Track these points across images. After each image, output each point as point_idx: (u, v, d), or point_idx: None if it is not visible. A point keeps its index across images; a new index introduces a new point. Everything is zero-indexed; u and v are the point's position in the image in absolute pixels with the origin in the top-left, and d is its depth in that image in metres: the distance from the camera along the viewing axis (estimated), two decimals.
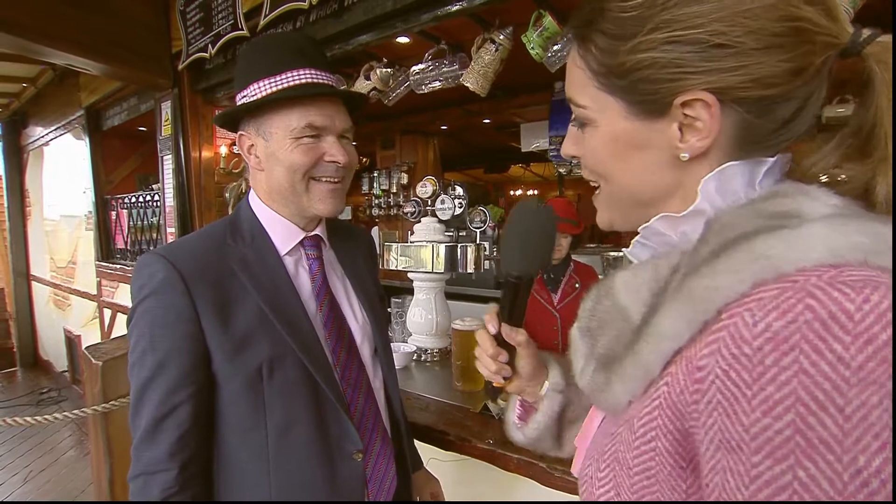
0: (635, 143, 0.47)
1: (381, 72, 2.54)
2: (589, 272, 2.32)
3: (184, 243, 0.88)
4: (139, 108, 3.49)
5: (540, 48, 1.95)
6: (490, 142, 6.08)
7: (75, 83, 4.09)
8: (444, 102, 4.12)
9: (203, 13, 2.55)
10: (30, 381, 5.47)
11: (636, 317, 0.45)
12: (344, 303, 0.95)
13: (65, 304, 5.08)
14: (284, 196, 0.89)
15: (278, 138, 0.85)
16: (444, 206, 2.99)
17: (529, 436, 0.71)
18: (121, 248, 4.05)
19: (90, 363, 2.29)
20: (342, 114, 0.89)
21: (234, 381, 0.80)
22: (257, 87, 0.84)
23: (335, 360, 0.88)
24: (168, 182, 3.04)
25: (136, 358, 0.78)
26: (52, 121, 4.74)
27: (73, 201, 4.66)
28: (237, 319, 0.80)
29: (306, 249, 0.93)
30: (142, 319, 0.79)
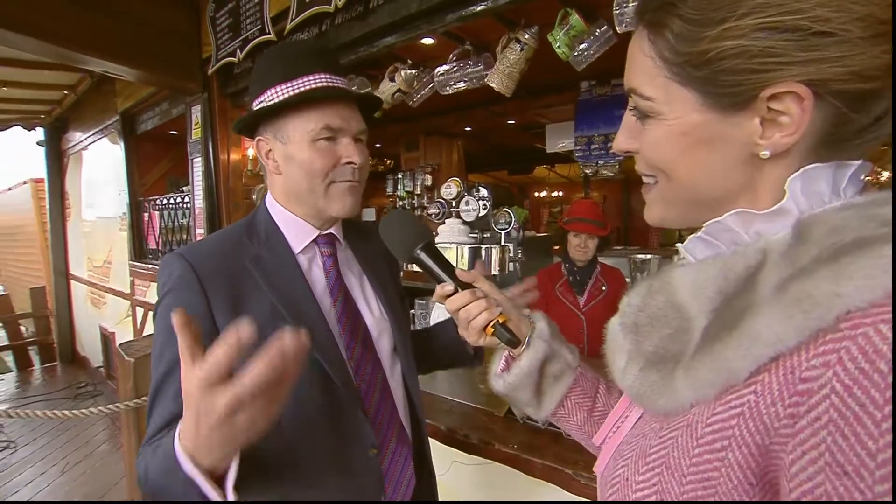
0: (707, 137, 0.44)
1: (406, 73, 2.56)
2: (616, 275, 2.28)
3: (203, 243, 0.90)
4: (171, 113, 3.59)
5: (566, 47, 1.93)
6: (514, 143, 6.05)
7: (111, 89, 4.25)
8: (469, 103, 4.12)
9: (232, 19, 2.61)
10: (68, 376, 5.69)
11: (700, 316, 0.43)
12: (359, 298, 0.96)
13: (100, 303, 5.27)
14: (301, 198, 0.90)
15: (296, 141, 0.86)
16: (468, 207, 2.98)
17: (510, 381, 0.71)
18: (152, 249, 4.18)
19: (123, 360, 2.36)
20: (357, 116, 0.91)
21: None
22: (274, 92, 0.86)
23: (349, 355, 0.88)
24: (198, 184, 3.12)
25: (156, 354, 0.80)
26: (90, 126, 4.94)
27: (108, 203, 4.83)
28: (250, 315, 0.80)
29: (320, 247, 0.94)
30: (161, 316, 0.81)
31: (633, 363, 0.47)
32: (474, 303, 0.70)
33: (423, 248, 0.76)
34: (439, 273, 0.74)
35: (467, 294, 0.71)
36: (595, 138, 3.40)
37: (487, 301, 0.71)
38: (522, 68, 2.14)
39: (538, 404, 0.72)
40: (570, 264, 2.25)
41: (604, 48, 1.95)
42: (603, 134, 3.37)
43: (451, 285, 0.73)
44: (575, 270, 2.24)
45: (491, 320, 0.70)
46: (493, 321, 0.70)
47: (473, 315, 0.70)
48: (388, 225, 0.80)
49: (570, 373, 0.73)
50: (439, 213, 3.52)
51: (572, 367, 0.73)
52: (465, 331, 0.73)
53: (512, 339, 0.70)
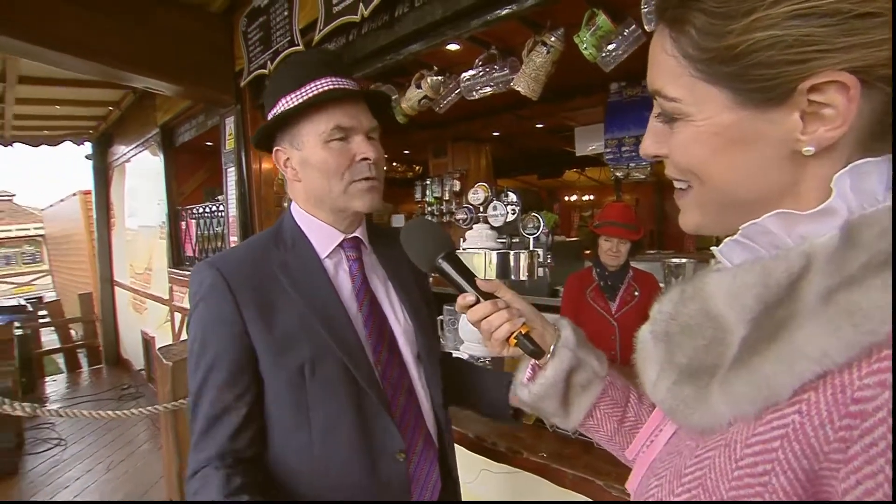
0: (742, 137, 0.41)
1: (432, 80, 2.56)
2: (649, 280, 2.21)
3: (232, 252, 0.93)
4: (206, 125, 3.73)
5: (593, 48, 1.89)
6: (543, 147, 5.99)
7: (152, 104, 4.45)
8: (496, 108, 4.10)
9: (263, 32, 2.68)
10: (113, 378, 5.95)
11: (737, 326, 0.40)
12: (385, 303, 0.96)
13: (142, 308, 5.49)
14: (322, 200, 0.91)
15: (310, 145, 0.88)
16: (496, 212, 2.96)
17: (535, 392, 0.69)
18: (189, 256, 4.33)
19: (162, 363, 2.45)
20: (366, 113, 0.92)
21: (279, 380, 0.83)
22: (285, 101, 0.89)
23: (376, 359, 0.89)
24: (231, 193, 3.22)
25: (192, 362, 0.83)
26: (133, 139, 5.18)
27: (149, 212, 5.04)
28: (279, 321, 0.83)
29: (346, 251, 0.95)
30: (195, 325, 0.84)
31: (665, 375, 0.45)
32: (496, 314, 0.69)
33: (444, 257, 0.75)
34: (461, 283, 0.73)
35: (489, 305, 0.70)
36: (626, 140, 3.33)
37: (509, 311, 0.69)
38: (549, 71, 2.11)
39: (565, 414, 0.70)
40: (602, 269, 2.20)
41: (632, 48, 1.90)
42: (634, 136, 3.29)
43: (473, 295, 0.72)
44: (606, 275, 2.19)
45: (513, 331, 0.68)
46: (516, 332, 0.68)
47: (495, 326, 0.69)
48: (408, 234, 0.80)
49: (598, 382, 0.70)
50: (467, 218, 3.52)
51: (600, 376, 0.70)
52: (488, 342, 0.72)
53: (535, 349, 0.68)
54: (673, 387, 0.43)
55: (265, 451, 0.85)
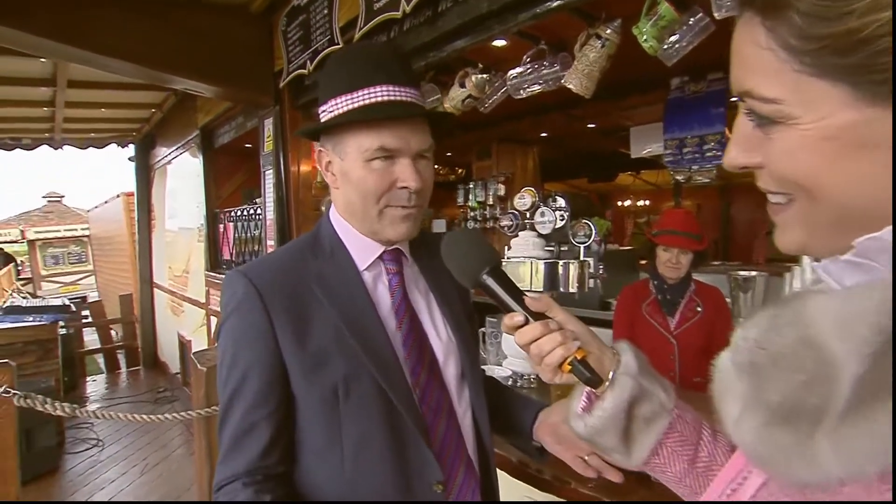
0: (867, 140, 0.36)
1: (477, 78, 2.56)
2: (713, 294, 2.11)
3: (266, 260, 0.93)
4: (245, 126, 3.88)
5: (654, 40, 1.83)
6: (595, 148, 5.88)
7: (193, 106, 4.69)
8: (545, 107, 4.06)
9: (302, 31, 2.77)
10: (150, 380, 6.27)
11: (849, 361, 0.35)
12: (426, 320, 0.94)
13: (179, 311, 5.75)
14: (358, 216, 0.91)
15: (352, 159, 0.86)
16: (543, 218, 2.92)
17: (592, 424, 0.64)
18: (226, 259, 4.51)
19: (196, 368, 2.54)
20: (419, 133, 0.87)
21: (311, 399, 0.83)
22: (335, 104, 0.86)
23: (414, 380, 0.87)
24: (269, 196, 3.33)
25: (222, 375, 0.84)
26: (174, 141, 5.47)
27: (188, 215, 5.30)
28: (313, 335, 0.83)
29: (386, 264, 0.94)
30: (226, 336, 0.85)
31: (750, 414, 0.40)
32: (547, 336, 0.66)
33: (489, 272, 0.73)
34: (507, 301, 0.71)
35: (539, 326, 0.67)
36: (688, 140, 3.21)
37: (562, 334, 0.66)
38: (604, 66, 2.06)
39: (627, 451, 0.65)
40: (660, 282, 2.12)
41: (698, 39, 1.83)
42: (697, 135, 3.16)
43: (521, 315, 0.69)
44: (665, 289, 2.10)
45: (567, 356, 0.65)
46: (570, 357, 0.65)
47: (546, 350, 0.66)
48: (450, 247, 0.77)
49: (665, 415, 0.65)
50: (512, 225, 3.48)
51: (667, 409, 0.65)
52: (538, 367, 0.69)
53: (592, 377, 0.64)
54: (762, 429, 0.39)
55: (294, 469, 0.86)
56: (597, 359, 0.67)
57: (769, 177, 0.42)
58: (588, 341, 0.68)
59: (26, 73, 3.90)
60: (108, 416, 2.30)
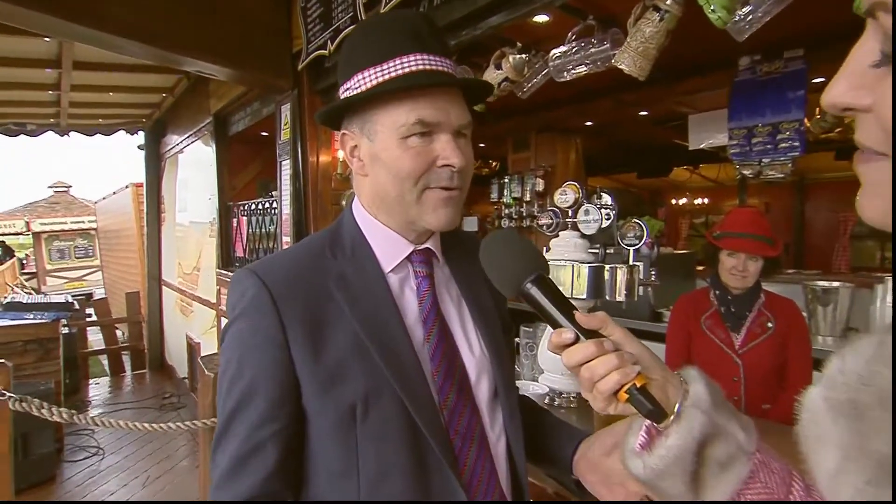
0: None
1: (515, 59, 2.52)
2: (787, 307, 2.03)
3: (280, 257, 0.90)
4: (261, 113, 3.95)
5: (724, 10, 1.74)
6: (647, 139, 5.77)
7: (205, 90, 4.80)
8: (591, 92, 4.01)
9: (323, 8, 2.78)
10: (156, 385, 6.46)
11: None
12: (458, 331, 0.91)
13: (188, 311, 5.90)
14: (390, 206, 0.87)
15: (384, 138, 0.83)
16: (588, 217, 2.85)
17: (653, 466, 0.60)
18: (239, 257, 4.59)
19: (203, 374, 2.58)
20: (459, 106, 0.85)
21: (325, 418, 0.80)
22: (361, 79, 0.84)
23: (442, 401, 0.84)
24: (285, 188, 3.37)
25: (224, 386, 0.82)
26: (186, 128, 5.62)
27: (200, 207, 5.43)
28: (330, 346, 0.80)
29: (414, 266, 0.91)
30: (231, 343, 0.82)
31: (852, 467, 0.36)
32: (601, 358, 0.63)
33: (534, 280, 0.71)
34: (554, 315, 0.68)
35: (592, 346, 0.64)
36: (758, 130, 3.09)
37: (619, 356, 0.63)
38: (661, 44, 1.99)
39: (696, 498, 0.61)
40: (723, 291, 2.05)
41: (777, 8, 1.72)
42: (769, 124, 3.04)
43: (571, 332, 0.66)
44: (729, 300, 2.03)
45: (625, 383, 0.62)
46: (629, 384, 0.62)
47: (600, 375, 0.63)
48: (489, 251, 0.76)
49: (745, 460, 0.60)
50: (552, 224, 3.42)
51: (746, 452, 0.60)
52: (589, 393, 0.65)
53: (654, 410, 0.61)
54: (867, 489, 0.35)
55: (304, 496, 0.84)
56: (659, 387, 0.63)
57: (875, 125, 0.37)
58: (650, 366, 0.65)
59: (29, 53, 4.02)
60: (108, 424, 2.36)
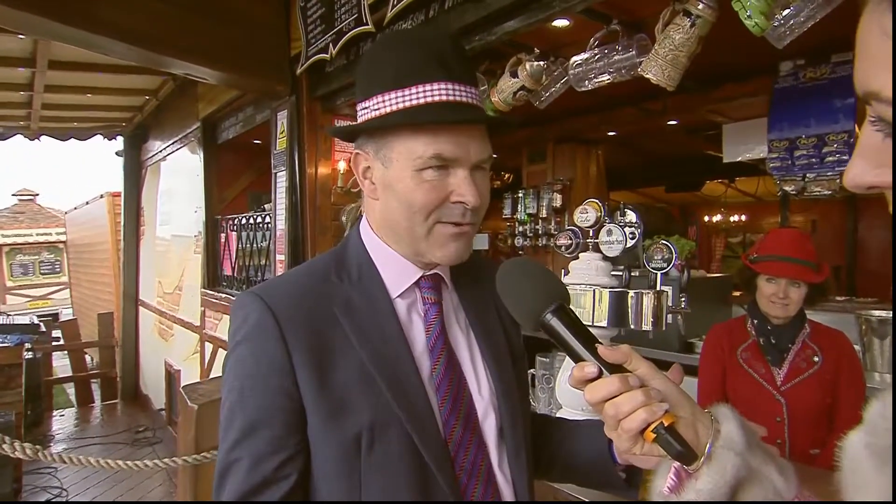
0: None
1: (532, 66, 2.58)
2: (836, 340, 2.02)
3: (285, 281, 0.95)
4: (255, 119, 4.02)
5: (761, 15, 1.79)
6: (677, 150, 5.83)
7: (193, 94, 4.89)
8: (614, 101, 4.07)
9: (325, 8, 2.86)
10: (128, 417, 6.46)
11: None
12: (466, 361, 0.95)
13: (168, 334, 5.93)
14: (399, 235, 0.92)
15: (399, 167, 0.88)
16: (611, 238, 2.88)
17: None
18: (227, 275, 4.64)
19: (185, 405, 2.60)
20: (480, 140, 0.90)
21: (328, 449, 0.83)
22: (382, 102, 0.88)
23: (448, 434, 0.87)
24: (280, 202, 3.43)
25: (225, 417, 0.85)
26: (171, 134, 5.71)
27: (185, 220, 5.49)
28: (336, 375, 0.84)
29: (423, 292, 0.95)
30: (233, 370, 0.86)
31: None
32: (627, 394, 0.65)
33: (554, 311, 0.73)
34: (576, 347, 0.71)
35: (616, 381, 0.66)
36: (801, 142, 3.10)
37: (646, 393, 0.65)
38: (693, 51, 2.04)
39: None
40: (762, 321, 2.06)
41: (822, 11, 1.76)
42: (814, 135, 3.05)
43: (594, 366, 0.68)
44: (769, 330, 2.04)
45: (652, 422, 0.64)
46: (656, 423, 0.64)
47: (625, 412, 0.65)
48: (508, 278, 0.80)
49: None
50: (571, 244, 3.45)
51: (785, 498, 0.63)
52: (614, 432, 0.67)
53: (684, 451, 0.62)
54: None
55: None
56: (689, 426, 0.66)
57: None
58: (678, 403, 0.67)
59: (1, 51, 4.06)
60: (74, 461, 2.35)
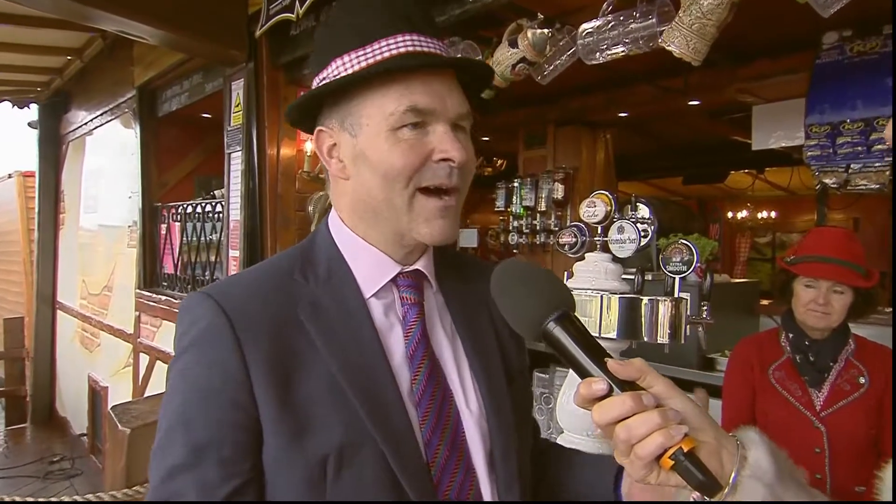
0: None
1: (535, 34, 2.58)
2: (886, 359, 2.02)
3: (240, 280, 0.97)
4: (204, 88, 3.98)
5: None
6: (697, 136, 5.89)
7: (128, 56, 4.80)
8: (627, 77, 4.10)
9: None
10: (40, 444, 6.32)
11: None
12: (451, 372, 0.96)
13: (93, 344, 5.84)
14: (377, 213, 0.94)
15: (370, 131, 0.90)
16: (622, 236, 2.91)
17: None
18: (169, 274, 4.58)
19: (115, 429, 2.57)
20: (456, 93, 0.93)
21: (289, 475, 0.83)
22: (341, 65, 0.92)
23: (431, 457, 0.89)
24: (235, 188, 3.39)
25: (162, 437, 0.84)
26: (99, 103, 5.61)
27: (116, 208, 5.39)
28: (300, 388, 0.84)
29: (401, 291, 0.97)
30: (178, 383, 0.85)
31: None
32: (641, 415, 0.67)
33: (558, 319, 0.75)
34: (582, 361, 0.72)
35: (628, 400, 0.67)
36: (845, 126, 3.12)
37: (662, 414, 0.67)
38: (723, 19, 2.06)
39: None
40: (799, 335, 2.09)
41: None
42: (861, 119, 3.05)
43: (603, 382, 0.70)
44: (807, 346, 2.07)
45: (670, 447, 0.65)
46: (674, 448, 0.65)
47: (639, 436, 0.66)
48: (504, 281, 0.82)
49: None
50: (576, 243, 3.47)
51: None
52: (626, 458, 0.69)
53: (705, 481, 0.64)
54: None
55: None
56: (711, 452, 0.67)
57: None
58: (699, 426, 0.69)
59: None
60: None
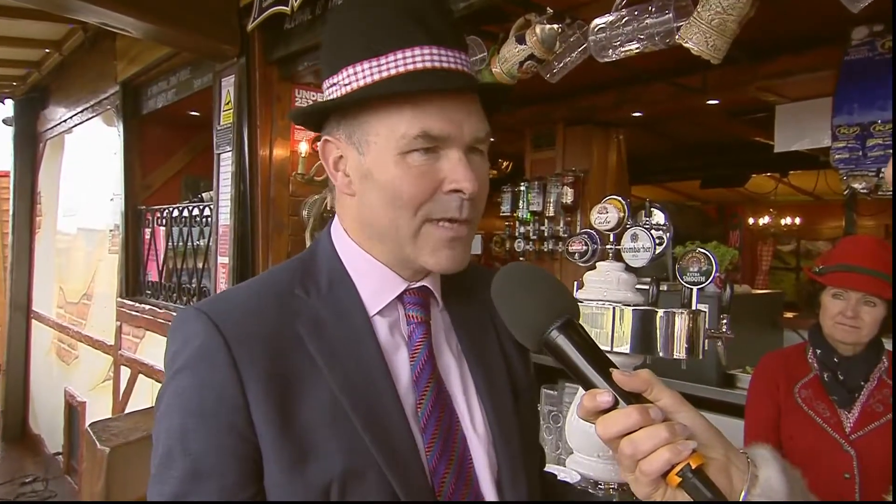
0: None
1: (544, 30, 2.59)
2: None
3: (236, 294, 0.98)
4: (192, 85, 3.99)
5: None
6: (716, 136, 5.89)
7: (111, 49, 4.81)
8: (641, 75, 4.12)
9: None
10: (11, 463, 6.29)
11: None
12: (458, 395, 0.97)
13: (70, 356, 5.84)
14: (381, 236, 0.94)
15: (378, 151, 0.89)
16: (636, 244, 2.92)
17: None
18: (153, 282, 4.58)
19: (93, 448, 2.55)
20: (475, 115, 0.92)
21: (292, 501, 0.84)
22: (352, 75, 0.90)
23: (437, 485, 0.89)
24: (224, 190, 3.41)
25: (159, 464, 0.84)
26: (79, 100, 5.62)
27: (97, 211, 5.40)
28: (300, 411, 0.85)
29: (407, 308, 0.97)
30: (171, 406, 0.85)
31: None
32: (647, 429, 0.67)
33: (561, 327, 0.76)
34: (586, 371, 0.73)
35: (634, 413, 0.68)
36: (876, 128, 3.11)
37: (670, 428, 0.67)
38: (744, 15, 2.06)
39: None
40: (827, 351, 2.09)
41: None
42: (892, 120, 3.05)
43: (608, 394, 0.70)
44: (836, 363, 2.06)
45: (677, 463, 0.66)
46: (682, 465, 0.66)
47: (645, 451, 0.67)
48: (505, 286, 0.83)
49: None
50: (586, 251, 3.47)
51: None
52: (631, 474, 0.69)
53: (714, 499, 0.65)
54: None
55: None
56: (720, 469, 0.68)
57: None
58: (708, 442, 0.70)
59: None
60: None
